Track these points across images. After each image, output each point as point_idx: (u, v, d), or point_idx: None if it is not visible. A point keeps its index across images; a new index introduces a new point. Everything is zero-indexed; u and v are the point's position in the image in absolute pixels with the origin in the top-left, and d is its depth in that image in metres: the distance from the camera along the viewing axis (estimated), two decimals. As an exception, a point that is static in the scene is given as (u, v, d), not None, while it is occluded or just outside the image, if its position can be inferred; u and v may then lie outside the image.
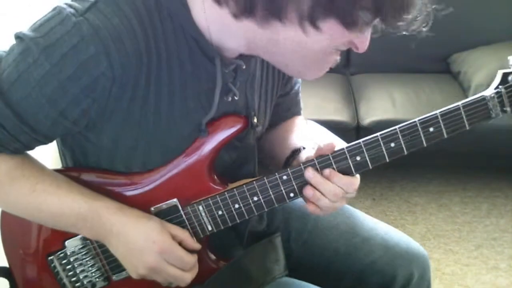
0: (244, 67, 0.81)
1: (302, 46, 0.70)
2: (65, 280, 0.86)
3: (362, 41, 0.71)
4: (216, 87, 0.78)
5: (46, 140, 0.77)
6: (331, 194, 0.78)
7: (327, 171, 0.78)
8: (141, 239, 0.77)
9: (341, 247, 0.98)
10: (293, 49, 0.71)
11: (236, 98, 0.82)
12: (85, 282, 0.86)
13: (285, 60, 0.74)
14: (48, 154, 0.84)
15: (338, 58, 0.75)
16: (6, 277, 0.89)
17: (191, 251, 0.81)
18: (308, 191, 0.79)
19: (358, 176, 0.81)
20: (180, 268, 0.79)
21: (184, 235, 0.80)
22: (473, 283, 1.84)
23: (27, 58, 0.69)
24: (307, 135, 0.98)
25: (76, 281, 0.86)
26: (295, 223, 1.02)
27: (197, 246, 0.82)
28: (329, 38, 0.68)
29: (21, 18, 1.41)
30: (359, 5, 0.63)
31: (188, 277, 0.80)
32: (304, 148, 0.88)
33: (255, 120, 0.87)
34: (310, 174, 0.79)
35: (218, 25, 0.72)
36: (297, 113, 1.05)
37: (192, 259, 0.80)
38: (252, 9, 0.66)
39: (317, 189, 0.79)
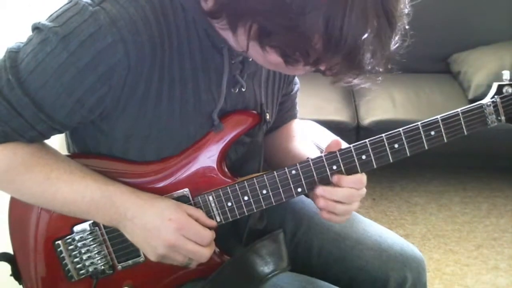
0: (250, 59, 0.82)
1: (262, 56, 0.70)
2: (70, 266, 0.87)
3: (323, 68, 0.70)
4: (223, 77, 0.79)
5: (62, 128, 0.78)
6: (345, 198, 0.82)
7: (335, 178, 0.82)
8: (157, 219, 0.78)
9: (334, 249, 0.98)
10: (258, 56, 0.72)
11: (243, 89, 0.85)
12: (90, 270, 0.87)
13: (259, 61, 0.76)
14: (53, 146, 0.85)
15: (311, 69, 0.74)
16: (8, 262, 0.90)
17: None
18: (321, 202, 0.83)
19: (364, 174, 0.84)
20: (198, 243, 0.80)
21: (198, 213, 0.81)
22: (473, 283, 1.84)
23: (46, 47, 0.70)
24: (310, 142, 1.01)
25: (81, 268, 0.87)
26: (289, 223, 1.02)
27: (212, 223, 0.83)
28: (279, 61, 0.69)
29: (21, 18, 1.41)
30: (296, 54, 0.65)
31: (207, 252, 0.81)
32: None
33: (268, 117, 0.89)
34: (320, 190, 0.82)
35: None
36: (294, 116, 1.07)
37: (210, 232, 0.81)
38: (218, 13, 0.68)
39: (331, 200, 0.82)
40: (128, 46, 0.69)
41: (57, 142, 0.89)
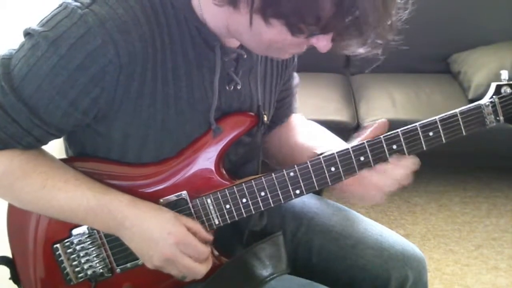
0: (245, 56, 0.83)
1: (257, 35, 0.70)
2: (68, 270, 0.86)
3: (318, 43, 0.70)
4: (215, 75, 0.79)
5: (58, 133, 0.78)
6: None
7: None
8: (156, 231, 0.78)
9: (335, 248, 0.98)
10: (251, 37, 0.72)
11: (238, 87, 0.84)
12: (88, 273, 0.87)
13: (250, 44, 0.75)
14: (52, 150, 0.85)
15: (301, 49, 0.75)
16: (7, 266, 0.89)
17: (204, 242, 0.81)
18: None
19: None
20: (195, 258, 0.79)
21: (197, 227, 0.81)
22: (473, 283, 1.84)
23: (36, 52, 0.71)
24: (320, 135, 1.01)
25: (80, 272, 0.87)
26: (289, 223, 1.02)
27: (210, 237, 0.83)
28: (278, 35, 0.68)
29: (21, 18, 1.41)
30: (304, 20, 0.64)
31: (203, 269, 0.81)
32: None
33: (266, 119, 0.89)
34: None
35: (206, 8, 0.75)
36: (295, 110, 1.07)
37: (207, 249, 0.81)
38: None
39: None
40: (118, 46, 0.69)
41: (56, 145, 0.88)
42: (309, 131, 1.03)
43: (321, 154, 0.87)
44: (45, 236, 0.86)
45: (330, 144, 0.91)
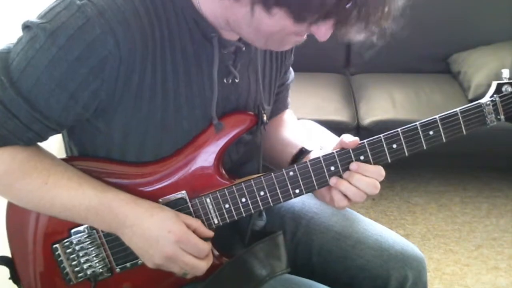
0: (243, 48, 0.82)
1: (258, 27, 0.70)
2: (68, 269, 0.86)
3: (318, 31, 0.70)
4: (213, 67, 0.79)
5: (58, 127, 0.77)
6: (368, 186, 0.81)
7: (354, 166, 0.81)
8: (156, 229, 0.78)
9: (335, 248, 0.98)
10: (251, 29, 0.71)
11: (236, 80, 0.84)
12: (88, 273, 0.86)
13: (250, 37, 0.75)
14: (52, 150, 0.84)
15: (301, 39, 0.75)
16: (7, 266, 0.89)
17: (204, 239, 0.81)
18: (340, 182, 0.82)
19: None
20: (196, 256, 0.80)
21: (197, 224, 0.81)
22: (473, 283, 1.84)
23: (35, 44, 0.70)
24: (302, 130, 1.01)
25: (79, 271, 0.87)
26: (289, 223, 1.02)
27: (210, 233, 0.83)
28: (280, 24, 0.68)
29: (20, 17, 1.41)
30: (308, 7, 0.64)
31: (204, 265, 0.81)
32: (306, 150, 0.90)
33: (265, 118, 0.89)
34: (354, 165, 0.81)
35: (204, 1, 0.74)
36: (287, 106, 1.08)
37: (207, 246, 0.81)
38: None
39: (351, 183, 0.81)
40: (118, 37, 0.69)
41: (56, 145, 0.88)
42: (300, 127, 1.04)
43: (308, 151, 0.89)
44: (45, 236, 0.86)
45: (319, 142, 0.91)
